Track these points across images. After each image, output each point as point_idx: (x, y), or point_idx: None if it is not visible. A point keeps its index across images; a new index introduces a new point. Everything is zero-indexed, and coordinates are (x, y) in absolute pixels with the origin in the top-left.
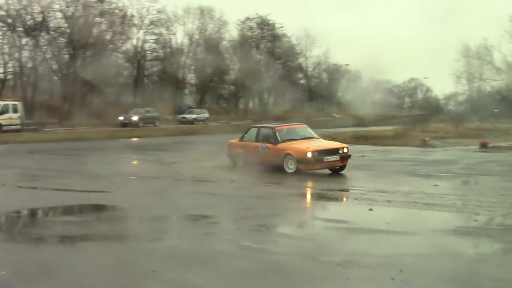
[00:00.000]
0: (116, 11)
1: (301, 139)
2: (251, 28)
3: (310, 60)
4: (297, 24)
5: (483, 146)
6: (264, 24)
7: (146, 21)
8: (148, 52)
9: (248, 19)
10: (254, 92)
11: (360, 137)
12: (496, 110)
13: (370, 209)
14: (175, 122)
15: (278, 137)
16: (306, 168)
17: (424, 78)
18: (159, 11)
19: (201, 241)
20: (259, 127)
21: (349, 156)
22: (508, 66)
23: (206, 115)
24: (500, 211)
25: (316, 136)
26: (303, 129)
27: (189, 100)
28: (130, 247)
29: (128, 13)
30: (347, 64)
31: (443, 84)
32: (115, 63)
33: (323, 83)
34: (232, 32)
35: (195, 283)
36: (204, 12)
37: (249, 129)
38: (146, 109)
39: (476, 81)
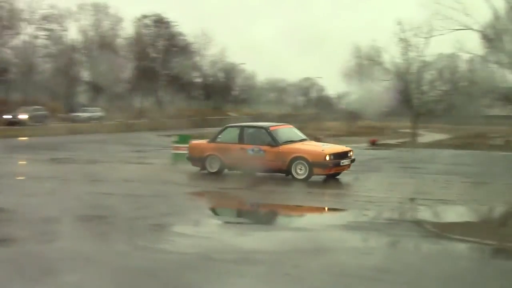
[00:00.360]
0: (3, 4)
1: (300, 140)
2: (147, 25)
3: (207, 59)
4: (194, 22)
5: (373, 143)
6: (160, 22)
7: (37, 16)
8: (39, 48)
9: (144, 16)
10: (150, 90)
11: None
12: (385, 109)
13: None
14: (68, 121)
15: (277, 139)
16: (322, 172)
17: (318, 77)
18: (51, 6)
19: (94, 242)
20: (242, 127)
21: (354, 160)
22: (396, 67)
23: (100, 113)
24: (388, 206)
25: (306, 137)
26: (292, 130)
27: (83, 98)
28: (16, 250)
29: (17, 6)
30: (243, 63)
31: (336, 83)
32: (3, 59)
33: (219, 82)
34: (127, 30)
35: (83, 285)
36: (98, 9)
37: (224, 128)
38: (35, 107)
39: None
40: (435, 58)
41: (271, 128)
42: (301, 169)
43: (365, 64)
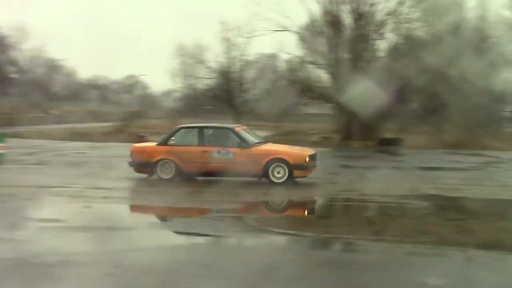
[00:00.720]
0: None
1: (264, 142)
2: None
3: (25, 53)
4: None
5: None
6: None
7: None
8: None
9: None
10: None
11: (77, 134)
12: (209, 107)
13: (88, 207)
14: None
15: (247, 140)
16: (303, 174)
17: (142, 75)
18: None
19: None
20: (201, 128)
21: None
22: (219, 65)
23: None
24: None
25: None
26: (249, 131)
27: None
28: None
29: None
30: (63, 59)
31: (160, 81)
32: None
33: (38, 78)
34: None
35: None
36: None
37: (177, 130)
38: None
39: (191, 79)
40: (256, 57)
41: (237, 129)
42: (279, 172)
43: (189, 63)
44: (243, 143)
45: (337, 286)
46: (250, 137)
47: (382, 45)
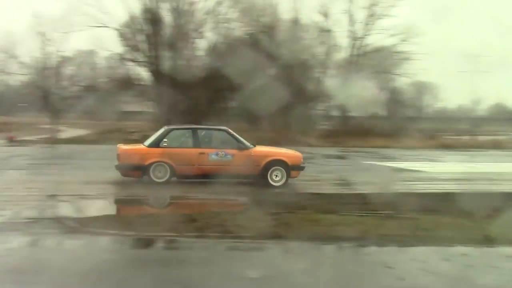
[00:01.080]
0: None
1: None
2: None
3: None
4: None
5: (11, 140)
6: None
7: None
8: None
9: None
10: None
11: None
12: (23, 105)
13: None
14: None
15: (244, 141)
16: (296, 176)
17: None
18: None
19: None
20: (195, 129)
21: None
22: (34, 61)
23: None
24: (27, 204)
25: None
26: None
27: None
28: None
29: None
30: None
31: None
32: None
33: None
34: None
35: None
36: None
37: (168, 131)
38: None
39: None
40: (74, 53)
41: (229, 130)
42: (277, 175)
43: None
44: (242, 145)
45: (159, 284)
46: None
47: (202, 44)
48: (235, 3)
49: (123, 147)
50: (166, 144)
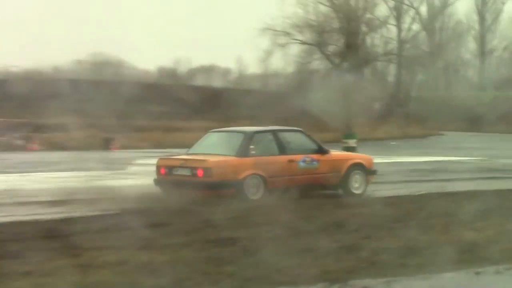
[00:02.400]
0: None
1: None
2: None
3: None
4: None
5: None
6: None
7: None
8: None
9: None
10: None
11: None
12: None
13: None
14: None
15: (319, 142)
16: (370, 182)
17: None
18: None
19: None
20: (274, 131)
21: None
22: None
23: None
24: None
25: None
26: None
27: None
28: None
29: None
30: None
31: None
32: None
33: None
34: None
35: None
36: None
37: (252, 135)
38: None
39: None
40: None
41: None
42: (356, 182)
43: None
44: (322, 148)
45: None
46: None
47: None
48: None
49: (211, 159)
50: (254, 152)
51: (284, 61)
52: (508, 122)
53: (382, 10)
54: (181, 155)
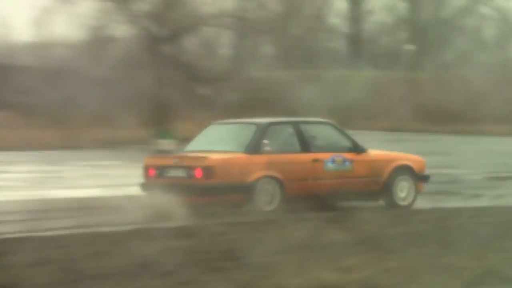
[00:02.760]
0: None
1: None
2: None
3: None
4: None
5: None
6: None
7: None
8: None
9: None
10: None
11: None
12: None
13: None
14: None
15: (353, 138)
16: (421, 191)
17: None
18: None
19: None
20: (296, 123)
21: None
22: None
23: None
24: None
25: None
26: None
27: None
28: None
29: None
30: None
31: None
32: None
33: None
34: None
35: None
36: None
37: (267, 127)
38: None
39: None
40: None
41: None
42: (403, 190)
43: None
44: (358, 145)
45: None
46: None
47: None
48: None
49: (212, 156)
50: (269, 148)
51: (71, 24)
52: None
53: None
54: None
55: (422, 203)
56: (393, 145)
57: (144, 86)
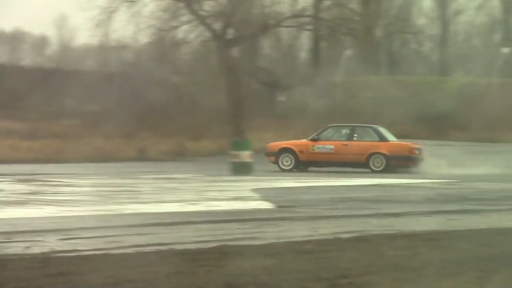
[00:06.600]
0: None
1: None
2: None
3: None
4: None
5: None
6: None
7: None
8: None
9: None
10: None
11: None
12: None
13: None
14: None
15: None
16: None
17: None
18: None
19: None
20: None
21: None
22: None
23: None
24: None
25: None
26: None
27: None
28: None
29: None
30: None
31: None
32: None
33: None
34: None
35: None
36: None
37: None
38: None
39: None
40: None
41: None
42: None
43: None
44: None
45: None
46: None
47: None
48: None
49: None
50: None
51: (135, 26)
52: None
53: None
54: None
55: None
56: (491, 158)
57: (216, 93)
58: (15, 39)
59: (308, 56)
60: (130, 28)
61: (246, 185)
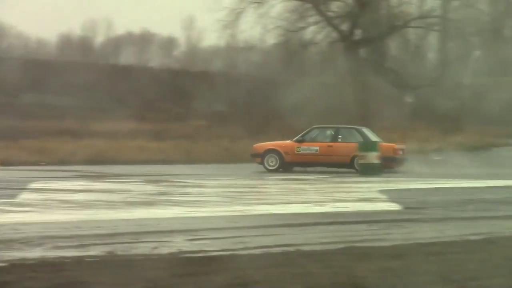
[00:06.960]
0: None
1: None
2: None
3: None
4: None
5: None
6: None
7: None
8: None
9: None
10: None
11: None
12: None
13: None
14: None
15: None
16: None
17: None
18: None
19: None
20: None
21: None
22: None
23: None
24: None
25: None
26: None
27: None
28: None
29: None
30: None
31: None
32: None
33: None
34: None
35: None
36: None
37: None
38: None
39: None
40: None
41: None
42: None
43: None
44: None
45: None
46: None
47: None
48: None
49: None
50: None
51: (262, 27)
52: None
53: None
54: None
55: None
56: None
57: (345, 93)
58: (143, 40)
59: (435, 57)
60: (258, 29)
61: (373, 186)
